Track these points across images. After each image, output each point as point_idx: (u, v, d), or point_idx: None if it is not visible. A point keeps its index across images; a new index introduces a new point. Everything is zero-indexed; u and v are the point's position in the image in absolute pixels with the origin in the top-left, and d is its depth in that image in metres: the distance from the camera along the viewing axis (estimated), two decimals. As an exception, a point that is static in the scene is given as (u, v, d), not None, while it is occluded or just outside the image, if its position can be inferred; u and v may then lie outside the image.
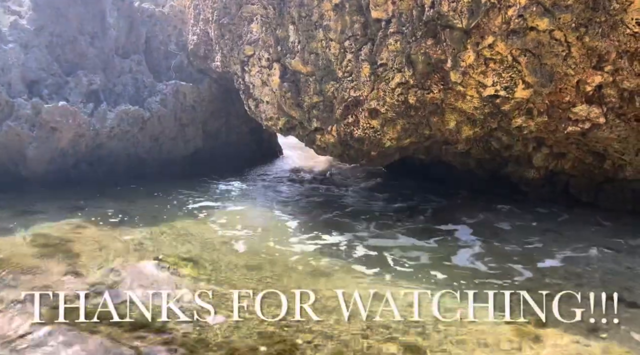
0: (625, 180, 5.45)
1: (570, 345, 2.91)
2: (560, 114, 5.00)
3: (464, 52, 4.57)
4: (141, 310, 3.20)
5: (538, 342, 2.95)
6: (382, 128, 5.55)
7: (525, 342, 2.94)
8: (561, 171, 5.83)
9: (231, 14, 6.37)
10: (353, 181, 7.90)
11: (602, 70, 4.61)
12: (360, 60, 5.24)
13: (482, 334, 3.02)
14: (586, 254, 4.49)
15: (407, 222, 5.55)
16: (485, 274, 4.03)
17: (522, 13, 4.28)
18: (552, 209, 5.86)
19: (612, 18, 4.32)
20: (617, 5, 4.25)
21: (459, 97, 4.99)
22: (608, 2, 4.24)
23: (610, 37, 4.40)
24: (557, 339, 2.97)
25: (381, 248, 4.68)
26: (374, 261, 4.35)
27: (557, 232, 5.09)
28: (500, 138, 5.76)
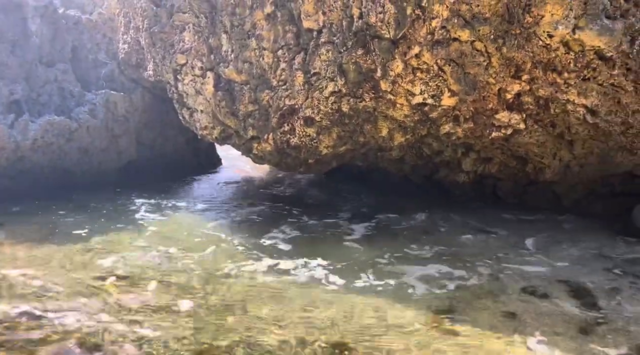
0: (546, 182, 5.81)
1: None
2: (484, 121, 5.27)
3: (393, 61, 4.73)
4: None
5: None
6: (317, 136, 5.62)
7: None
8: (489, 174, 6.12)
9: (162, 23, 6.24)
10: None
11: (520, 79, 4.91)
12: (294, 69, 5.28)
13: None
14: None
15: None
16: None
17: (445, 24, 4.49)
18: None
19: (526, 30, 4.62)
20: (530, 19, 4.56)
21: (390, 105, 5.14)
22: (522, 15, 4.54)
23: (526, 49, 4.70)
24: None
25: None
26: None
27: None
28: (431, 144, 5.98)
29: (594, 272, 4.06)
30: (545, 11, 4.49)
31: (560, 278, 3.95)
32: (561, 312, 3.36)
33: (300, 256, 4.61)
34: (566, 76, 4.82)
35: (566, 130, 5.21)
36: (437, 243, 5.01)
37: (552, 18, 4.51)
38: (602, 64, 4.70)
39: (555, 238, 5.02)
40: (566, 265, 4.23)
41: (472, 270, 4.18)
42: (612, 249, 4.67)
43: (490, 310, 3.43)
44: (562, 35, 4.56)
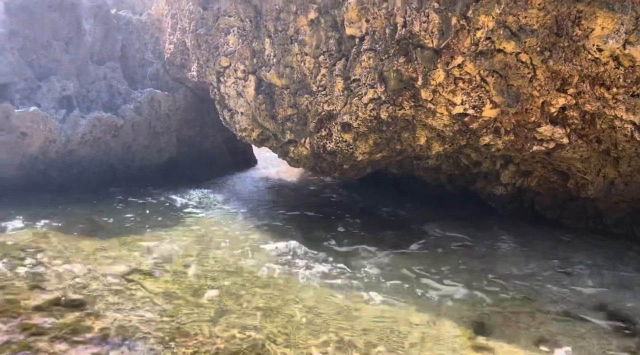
0: (588, 199, 5.64)
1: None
2: (526, 134, 5.16)
3: (434, 71, 4.70)
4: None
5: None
6: (354, 142, 5.64)
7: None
8: (527, 188, 5.99)
9: (208, 25, 6.40)
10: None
11: (565, 92, 4.80)
12: (334, 75, 5.32)
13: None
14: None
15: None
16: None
17: (490, 35, 4.43)
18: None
19: (575, 44, 4.51)
20: (580, 31, 4.45)
21: (430, 114, 5.11)
22: (571, 28, 4.43)
23: (573, 62, 4.59)
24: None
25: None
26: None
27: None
28: (469, 155, 5.90)
29: (636, 297, 3.92)
30: (596, 24, 4.38)
31: (600, 302, 3.83)
32: (599, 337, 3.26)
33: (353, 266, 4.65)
34: (615, 91, 4.68)
35: (612, 147, 5.05)
36: (472, 257, 4.94)
37: (602, 32, 4.39)
38: (654, 81, 4.54)
39: (595, 259, 4.86)
40: (606, 289, 4.10)
41: (507, 288, 4.10)
42: (655, 273, 4.50)
43: (528, 330, 3.37)
44: (612, 49, 4.44)
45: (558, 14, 4.35)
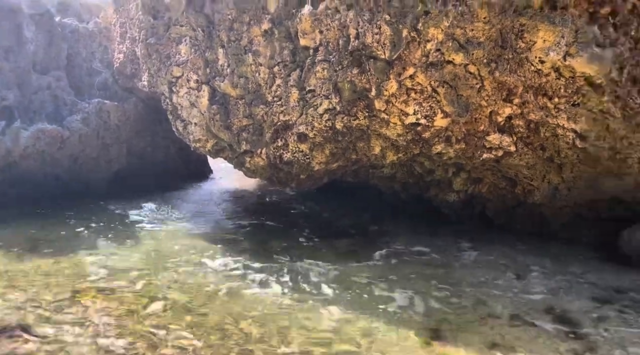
0: (534, 205, 5.86)
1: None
2: (476, 142, 5.33)
3: (387, 82, 4.78)
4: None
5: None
6: (310, 152, 5.64)
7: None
8: (478, 195, 6.17)
9: (159, 34, 6.25)
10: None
11: (511, 102, 4.99)
12: (289, 86, 5.32)
13: None
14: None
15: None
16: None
17: (440, 47, 4.56)
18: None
19: (519, 56, 4.71)
20: (523, 44, 4.65)
21: (383, 124, 5.19)
22: (515, 41, 4.63)
23: (518, 73, 4.79)
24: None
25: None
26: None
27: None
28: (422, 163, 6.03)
29: (581, 299, 4.09)
30: (538, 37, 4.59)
31: (547, 305, 3.97)
32: (548, 340, 3.38)
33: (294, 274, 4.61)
34: (556, 101, 4.91)
35: (556, 154, 5.29)
36: (427, 265, 5.02)
37: (544, 44, 4.61)
38: (592, 91, 4.79)
39: (543, 263, 5.05)
40: (553, 292, 4.26)
41: (459, 294, 4.19)
42: (596, 275, 4.71)
43: (481, 335, 3.44)
44: (553, 61, 4.66)
45: (502, 27, 4.53)
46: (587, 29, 4.56)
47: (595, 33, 4.58)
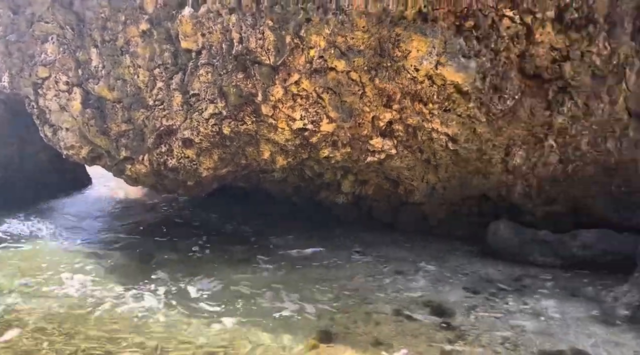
0: (415, 204, 6.25)
1: None
2: (360, 146, 5.54)
3: (273, 87, 4.78)
4: None
5: None
6: (197, 158, 5.46)
7: None
8: (365, 196, 6.43)
9: (21, 31, 5.63)
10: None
11: (391, 108, 5.26)
12: (172, 89, 5.09)
13: None
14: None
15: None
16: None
17: (323, 54, 4.66)
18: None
19: (396, 64, 4.97)
20: (399, 53, 4.92)
21: (272, 129, 5.18)
22: (392, 50, 4.88)
23: (396, 80, 5.06)
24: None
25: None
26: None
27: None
28: (312, 167, 6.13)
29: (454, 291, 4.43)
30: (412, 47, 4.88)
31: (427, 299, 4.24)
32: (425, 332, 3.60)
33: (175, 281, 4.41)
34: (431, 107, 5.27)
35: (432, 156, 5.68)
36: (316, 267, 5.11)
37: (418, 54, 4.91)
38: (460, 97, 5.22)
39: (423, 259, 5.39)
40: (430, 286, 4.56)
41: (348, 295, 4.31)
42: (468, 267, 5.13)
43: (365, 334, 3.57)
44: (426, 69, 4.99)
45: (380, 36, 4.75)
46: (454, 40, 4.95)
47: (461, 44, 4.99)
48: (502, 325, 3.75)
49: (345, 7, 4.41)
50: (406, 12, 4.72)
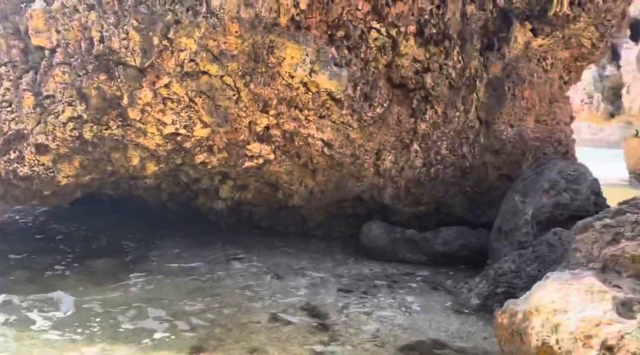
0: (294, 207, 6.33)
1: None
2: (238, 151, 5.47)
3: (141, 90, 4.51)
4: None
5: None
6: (55, 165, 4.96)
7: None
8: (245, 201, 6.36)
9: None
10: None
11: (267, 113, 5.27)
12: (22, 90, 4.56)
13: None
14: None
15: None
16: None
17: (194, 58, 4.51)
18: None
19: (271, 70, 4.99)
20: (274, 59, 4.94)
21: (140, 134, 4.89)
22: (267, 56, 4.89)
23: (271, 86, 5.07)
24: None
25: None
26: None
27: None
28: (188, 172, 5.91)
29: (329, 292, 4.57)
30: (286, 54, 4.93)
31: (304, 302, 4.31)
32: (300, 335, 3.66)
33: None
34: (306, 113, 5.38)
35: (309, 161, 5.80)
36: (192, 277, 4.94)
37: (292, 60, 4.98)
38: (334, 104, 5.40)
39: (301, 262, 5.48)
40: (308, 289, 4.65)
41: (223, 304, 4.22)
42: (345, 268, 5.33)
43: (241, 343, 3.52)
44: (301, 76, 5.08)
45: (254, 42, 4.73)
46: (326, 49, 5.11)
47: (333, 53, 5.16)
48: (372, 321, 3.94)
49: (217, 11, 4.32)
50: (279, 19, 4.76)
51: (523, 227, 4.96)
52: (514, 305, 3.02)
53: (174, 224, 6.67)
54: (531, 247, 4.51)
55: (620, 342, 2.31)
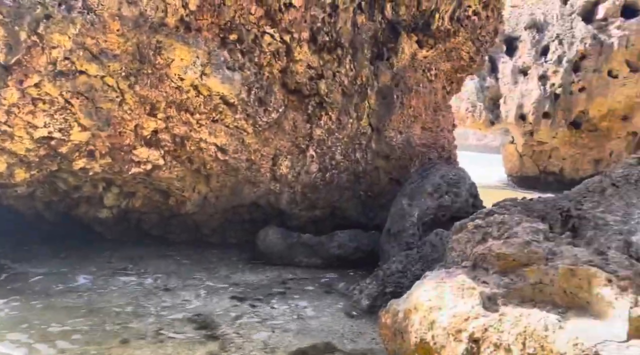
0: (188, 214, 6.10)
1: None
2: (123, 156, 5.14)
3: (6, 89, 4.07)
4: None
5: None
6: None
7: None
8: (133, 209, 6.00)
9: None
10: None
11: (155, 117, 5.02)
12: None
13: None
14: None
15: None
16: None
17: (69, 56, 4.17)
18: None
19: (159, 71, 4.77)
20: (162, 60, 4.73)
21: (7, 138, 4.41)
22: (153, 57, 4.66)
23: (159, 88, 4.85)
24: None
25: None
26: None
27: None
28: (66, 179, 5.44)
29: (222, 301, 4.44)
30: (175, 55, 4.75)
31: (193, 313, 4.14)
32: (187, 349, 3.51)
33: None
34: (198, 117, 5.22)
35: (202, 166, 5.62)
36: (71, 294, 4.54)
37: (182, 62, 4.80)
38: (227, 109, 5.30)
39: (193, 271, 5.28)
40: (200, 299, 4.48)
41: (104, 322, 3.92)
42: (240, 275, 5.23)
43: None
44: (191, 79, 4.91)
45: (139, 42, 4.49)
46: (218, 52, 4.99)
47: (225, 57, 5.06)
48: (264, 329, 3.89)
49: (95, 7, 4.03)
50: (167, 19, 4.57)
51: (410, 228, 5.23)
52: (396, 305, 3.14)
53: (51, 235, 6.09)
54: (416, 247, 4.76)
55: (485, 335, 2.49)
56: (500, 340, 2.42)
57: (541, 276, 2.70)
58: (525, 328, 2.35)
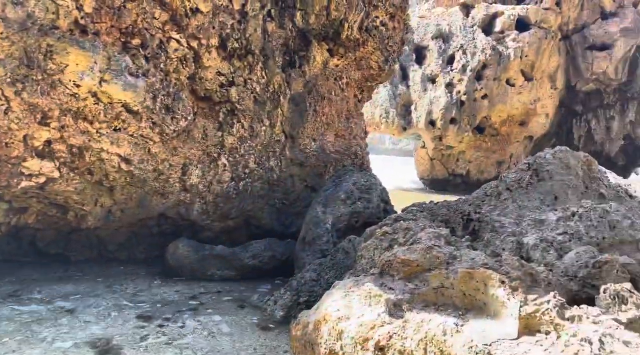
0: (90, 229, 5.68)
1: None
2: (11, 169, 4.69)
3: None
4: None
5: None
6: None
7: None
8: (26, 226, 5.49)
9: None
10: None
11: (48, 126, 4.64)
12: None
13: None
14: None
15: None
16: None
17: (-59, 59, 3.72)
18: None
19: (51, 78, 4.41)
20: (54, 66, 4.38)
21: None
22: (44, 62, 4.30)
23: (52, 96, 4.49)
24: None
25: None
26: None
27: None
28: (-56, 196, 4.85)
29: (127, 322, 4.16)
30: (70, 61, 4.43)
31: (94, 337, 3.84)
32: (85, 379, 3.24)
33: None
34: (98, 126, 4.89)
35: (105, 178, 5.27)
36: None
37: (77, 68, 4.49)
38: (131, 117, 5.02)
39: (96, 290, 4.93)
40: (100, 321, 4.16)
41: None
42: (147, 293, 4.95)
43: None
44: (89, 86, 4.60)
45: (27, 46, 4.13)
46: (119, 58, 4.72)
47: (128, 63, 4.79)
48: (172, 350, 3.70)
49: (-29, 6, 3.63)
50: (59, 21, 4.24)
51: (324, 236, 5.25)
52: (306, 317, 3.12)
53: None
54: (330, 255, 4.78)
55: (390, 342, 2.53)
56: (404, 347, 2.47)
57: (443, 280, 2.79)
58: (426, 334, 2.42)
